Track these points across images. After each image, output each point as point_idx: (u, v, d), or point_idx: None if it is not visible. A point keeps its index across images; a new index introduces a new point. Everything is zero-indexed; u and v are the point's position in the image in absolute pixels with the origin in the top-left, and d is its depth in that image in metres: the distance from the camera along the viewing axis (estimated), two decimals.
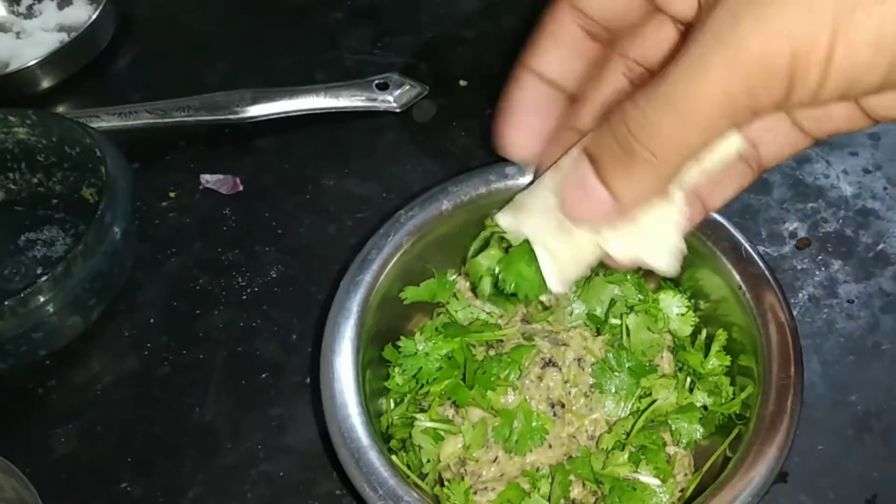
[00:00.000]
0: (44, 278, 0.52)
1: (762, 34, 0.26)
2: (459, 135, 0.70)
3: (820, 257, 0.62)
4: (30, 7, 0.78)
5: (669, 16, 0.34)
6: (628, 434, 0.48)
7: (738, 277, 0.49)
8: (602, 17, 0.34)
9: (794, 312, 0.58)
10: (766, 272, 0.49)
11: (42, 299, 0.53)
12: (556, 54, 0.36)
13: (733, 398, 0.49)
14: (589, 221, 0.33)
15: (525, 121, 0.37)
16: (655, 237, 0.35)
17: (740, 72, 0.26)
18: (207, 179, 0.66)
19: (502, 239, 0.39)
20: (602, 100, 0.36)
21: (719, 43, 0.26)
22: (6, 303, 0.52)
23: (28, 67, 0.70)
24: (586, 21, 0.35)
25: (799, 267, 0.62)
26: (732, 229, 0.51)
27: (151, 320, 0.60)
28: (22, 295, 0.52)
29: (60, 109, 0.72)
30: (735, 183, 0.36)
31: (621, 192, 0.31)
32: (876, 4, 0.25)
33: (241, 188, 0.66)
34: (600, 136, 0.31)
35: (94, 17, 0.73)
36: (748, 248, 0.50)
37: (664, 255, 0.35)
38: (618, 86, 0.36)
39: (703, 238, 0.51)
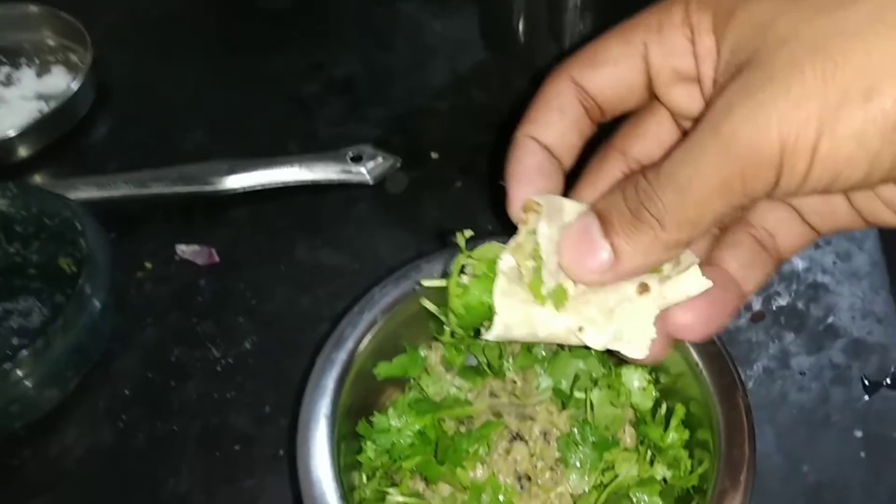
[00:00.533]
0: (24, 352, 0.53)
1: (754, 126, 0.28)
2: (431, 206, 0.73)
3: (773, 330, 0.65)
4: (8, 75, 0.80)
5: (668, 109, 0.37)
6: None
7: (694, 355, 0.52)
8: (601, 97, 0.37)
9: (750, 384, 0.62)
10: (722, 351, 0.51)
11: (21, 373, 0.54)
12: (555, 127, 0.38)
13: (692, 472, 0.51)
14: (584, 277, 0.35)
15: (534, 184, 0.38)
16: (633, 327, 0.36)
17: (733, 159, 0.29)
18: (183, 250, 0.68)
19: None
20: (601, 191, 0.37)
21: (715, 131, 0.29)
22: None
23: (6, 138, 0.71)
24: (585, 97, 0.37)
25: (754, 339, 0.65)
26: None
27: (127, 392, 0.61)
28: (1, 370, 0.53)
29: (38, 178, 0.73)
30: (761, 270, 0.38)
31: (623, 253, 0.33)
32: (859, 106, 0.27)
33: (216, 259, 0.68)
34: (611, 198, 0.33)
35: (75, 87, 0.75)
36: None
37: (639, 344, 0.37)
38: (616, 179, 0.39)
39: None
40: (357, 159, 0.74)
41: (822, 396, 0.62)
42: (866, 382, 0.62)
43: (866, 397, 0.61)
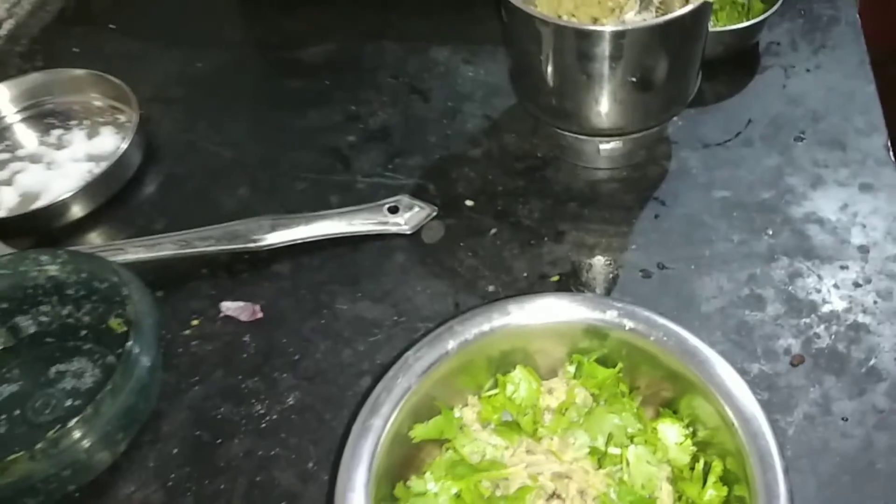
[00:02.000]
0: (75, 419, 0.56)
1: None
2: (466, 255, 0.74)
3: (814, 374, 0.64)
4: (59, 138, 0.83)
5: None
6: None
7: (730, 414, 0.52)
8: None
9: (790, 431, 0.62)
10: (757, 413, 0.51)
11: (73, 439, 0.56)
12: None
13: None
14: None
15: None
16: None
17: None
18: (228, 307, 0.70)
19: None
20: None
21: None
22: (38, 446, 0.55)
23: (59, 201, 0.75)
24: None
25: (794, 384, 0.64)
26: (723, 366, 0.53)
27: (175, 451, 0.63)
28: (53, 437, 0.55)
29: (90, 238, 0.76)
30: None
31: None
32: None
33: (260, 315, 0.70)
34: None
35: (124, 147, 0.78)
36: (737, 384, 0.52)
37: None
38: None
39: (697, 373, 0.54)
40: (394, 210, 0.75)
41: (865, 443, 0.61)
42: None
43: None
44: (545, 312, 0.57)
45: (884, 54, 0.94)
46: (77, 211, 0.77)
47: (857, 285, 0.69)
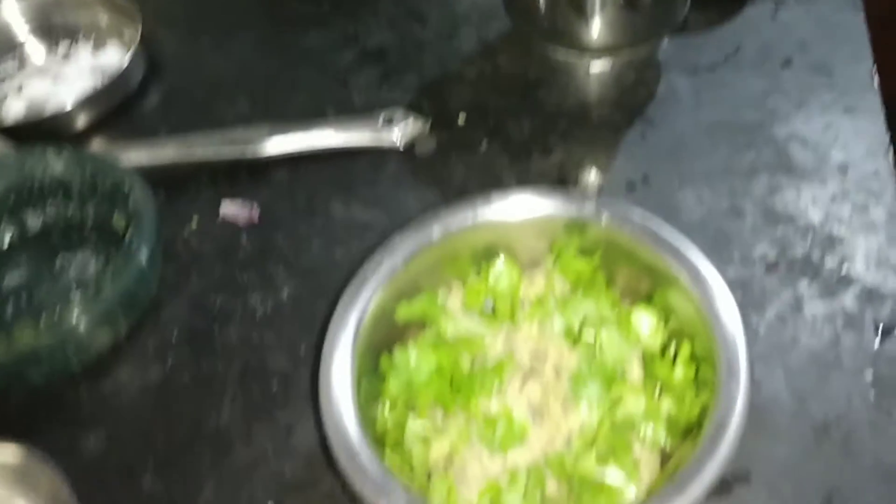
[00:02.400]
0: (77, 294, 0.59)
1: None
2: (457, 167, 0.76)
3: (788, 278, 0.67)
4: (66, 52, 0.86)
5: None
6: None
7: (698, 297, 0.54)
8: None
9: (761, 329, 0.64)
10: (721, 292, 0.54)
11: (75, 316, 0.59)
12: None
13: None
14: None
15: None
16: None
17: None
18: (227, 209, 0.73)
19: None
20: None
21: None
22: (43, 318, 0.58)
23: (63, 111, 0.77)
24: None
25: (768, 287, 0.67)
26: (694, 253, 0.56)
27: (174, 335, 0.66)
28: (56, 312, 0.58)
29: (94, 145, 0.79)
30: None
31: None
32: None
33: (257, 216, 0.73)
34: None
35: (127, 61, 0.80)
36: (706, 270, 0.55)
37: None
38: None
39: (669, 262, 0.56)
40: (388, 122, 0.78)
41: (833, 341, 0.63)
42: (879, 328, 0.64)
43: (878, 342, 0.63)
44: (527, 206, 0.60)
45: None
46: (81, 121, 0.80)
47: (834, 200, 0.72)
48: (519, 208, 0.60)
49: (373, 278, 0.56)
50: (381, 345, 0.56)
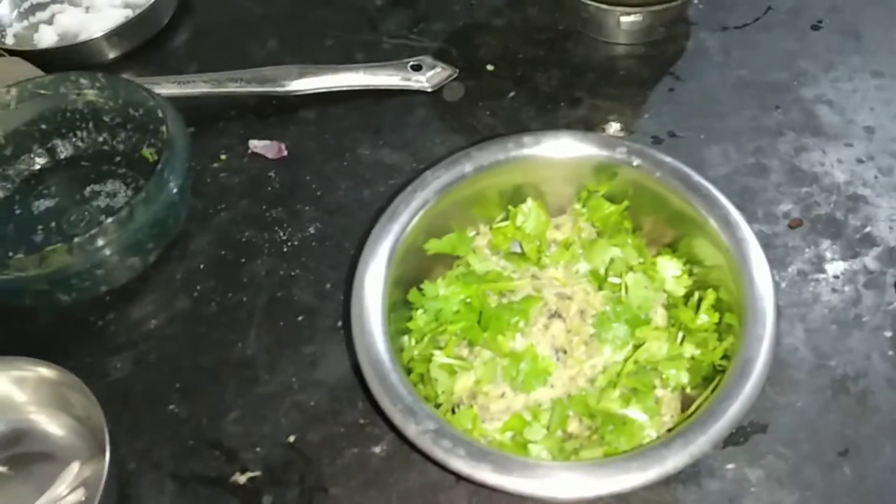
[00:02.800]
0: (108, 221, 0.59)
1: None
2: (484, 114, 0.76)
3: (810, 236, 0.67)
4: None
5: None
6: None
7: (725, 241, 0.55)
8: None
9: (783, 285, 0.65)
10: (750, 236, 0.54)
11: (106, 240, 0.60)
12: None
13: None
14: None
15: None
16: None
17: None
18: (255, 145, 0.73)
19: None
20: None
21: None
22: (75, 240, 0.59)
23: (95, 39, 0.77)
24: None
25: (790, 244, 0.67)
26: (723, 200, 0.56)
27: (201, 266, 0.67)
28: (90, 235, 0.59)
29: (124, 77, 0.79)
30: None
31: None
32: None
33: (285, 154, 0.73)
34: None
35: None
36: (736, 216, 0.55)
37: None
38: None
39: (698, 208, 0.57)
40: (417, 68, 0.78)
41: (854, 299, 0.64)
42: None
43: None
44: (558, 147, 0.60)
45: None
46: (111, 52, 0.80)
47: (860, 161, 0.72)
48: (551, 148, 0.60)
49: (405, 211, 0.56)
50: (409, 280, 0.57)
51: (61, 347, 0.63)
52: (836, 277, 0.65)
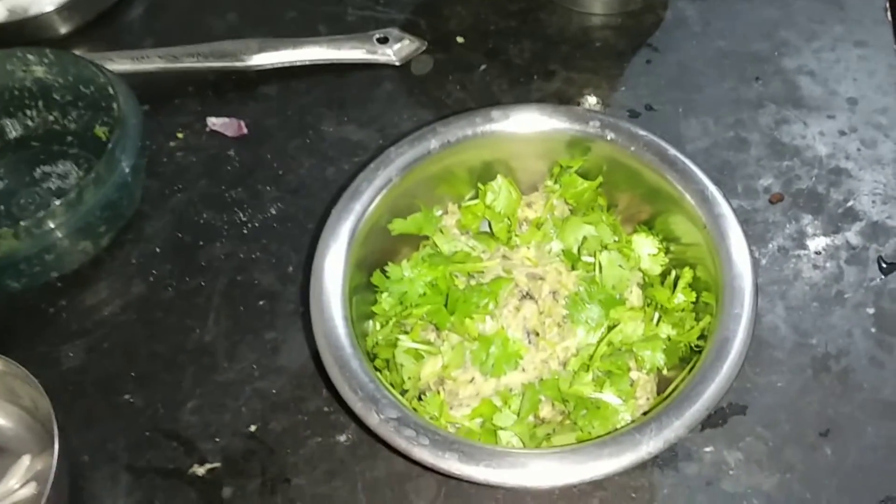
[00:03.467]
0: (56, 202, 0.56)
1: None
2: (454, 88, 0.74)
3: (791, 211, 0.65)
4: None
5: None
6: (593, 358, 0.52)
7: (703, 217, 0.52)
8: None
9: (763, 261, 0.63)
10: (728, 212, 0.52)
11: (55, 223, 0.57)
12: None
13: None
14: None
15: None
16: None
17: None
18: (214, 122, 0.70)
19: None
20: None
21: None
22: (22, 223, 0.55)
23: (46, 13, 0.74)
24: None
25: (771, 220, 0.65)
26: (701, 175, 0.54)
27: (157, 249, 0.64)
28: (37, 217, 0.56)
29: (76, 53, 0.75)
30: None
31: None
32: None
33: (245, 131, 0.70)
34: None
35: None
36: (713, 191, 0.53)
37: None
38: None
39: (674, 183, 0.54)
40: (383, 41, 0.75)
41: (836, 275, 0.62)
42: (883, 263, 0.62)
43: (881, 277, 0.62)
44: (529, 121, 0.57)
45: None
46: (63, 26, 0.76)
47: (842, 133, 0.70)
48: (521, 123, 0.57)
49: (367, 189, 0.53)
50: (373, 262, 0.54)
51: (11, 336, 0.60)
52: (818, 253, 0.63)
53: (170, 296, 0.61)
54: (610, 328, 0.54)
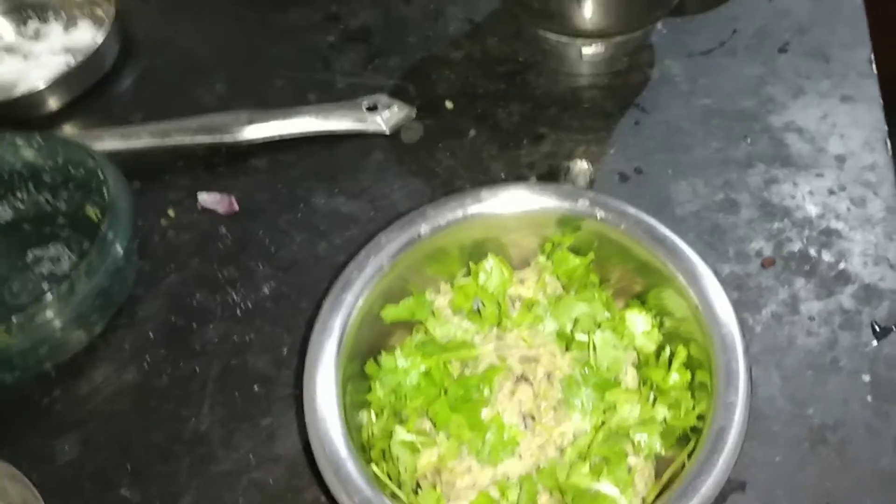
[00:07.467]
0: (49, 295, 0.56)
1: None
2: (445, 155, 0.74)
3: (784, 275, 0.65)
4: (37, 30, 0.82)
5: None
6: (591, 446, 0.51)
7: (694, 297, 0.53)
8: None
9: (757, 329, 0.63)
10: (718, 292, 0.52)
11: (48, 315, 0.57)
12: None
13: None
14: None
15: None
16: None
17: None
18: (205, 199, 0.70)
19: None
20: None
21: None
22: (14, 319, 0.55)
23: (35, 91, 0.74)
24: None
25: (764, 285, 0.65)
26: (690, 252, 0.54)
27: (151, 334, 0.63)
28: (29, 311, 0.56)
29: (66, 129, 0.76)
30: None
31: None
32: None
33: (236, 207, 0.70)
34: None
35: (100, 40, 0.77)
36: (703, 270, 0.53)
37: None
38: None
39: (664, 261, 0.54)
40: (373, 109, 0.75)
41: (830, 341, 0.62)
42: (876, 328, 0.62)
43: (875, 342, 0.62)
44: (518, 201, 0.57)
45: None
46: (53, 102, 0.76)
47: (831, 192, 0.70)
48: (510, 202, 0.57)
49: (358, 279, 0.53)
50: (367, 350, 0.54)
51: (3, 430, 0.60)
52: (812, 319, 0.63)
53: (164, 383, 0.61)
54: (606, 411, 0.53)
